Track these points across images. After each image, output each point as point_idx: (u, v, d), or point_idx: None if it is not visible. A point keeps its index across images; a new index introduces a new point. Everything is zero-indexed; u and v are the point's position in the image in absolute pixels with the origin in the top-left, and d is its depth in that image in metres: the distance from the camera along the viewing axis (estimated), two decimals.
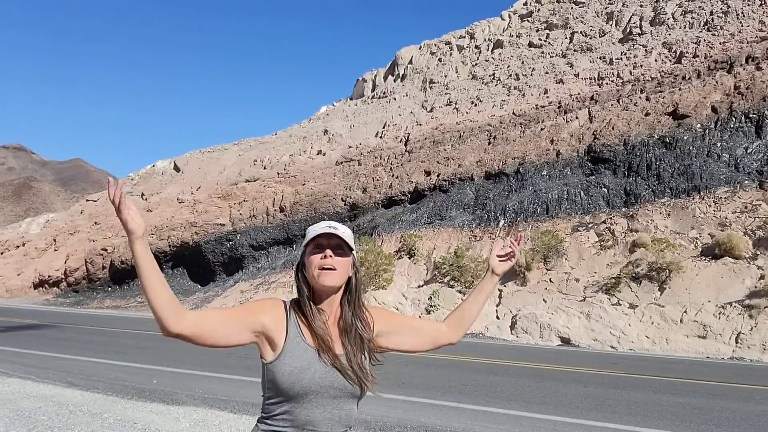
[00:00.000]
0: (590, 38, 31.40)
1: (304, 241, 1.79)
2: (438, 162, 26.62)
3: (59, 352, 11.37)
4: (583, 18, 33.46)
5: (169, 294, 1.56)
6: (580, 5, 34.71)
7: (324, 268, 1.70)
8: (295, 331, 1.70)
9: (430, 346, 1.96)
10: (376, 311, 1.91)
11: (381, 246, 22.82)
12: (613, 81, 26.45)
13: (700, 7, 27.87)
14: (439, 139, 28.45)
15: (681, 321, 13.97)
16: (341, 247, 1.74)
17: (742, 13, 25.43)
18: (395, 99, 37.57)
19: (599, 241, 18.40)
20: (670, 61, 25.76)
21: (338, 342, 1.74)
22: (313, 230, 1.77)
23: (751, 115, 19.55)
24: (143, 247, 1.54)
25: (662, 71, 24.94)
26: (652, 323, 14.30)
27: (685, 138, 20.24)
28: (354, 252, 1.79)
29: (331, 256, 1.71)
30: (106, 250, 33.51)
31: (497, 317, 16.79)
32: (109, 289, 33.42)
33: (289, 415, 1.66)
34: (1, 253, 40.91)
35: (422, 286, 19.91)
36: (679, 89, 22.53)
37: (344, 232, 1.76)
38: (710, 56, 23.84)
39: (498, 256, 2.04)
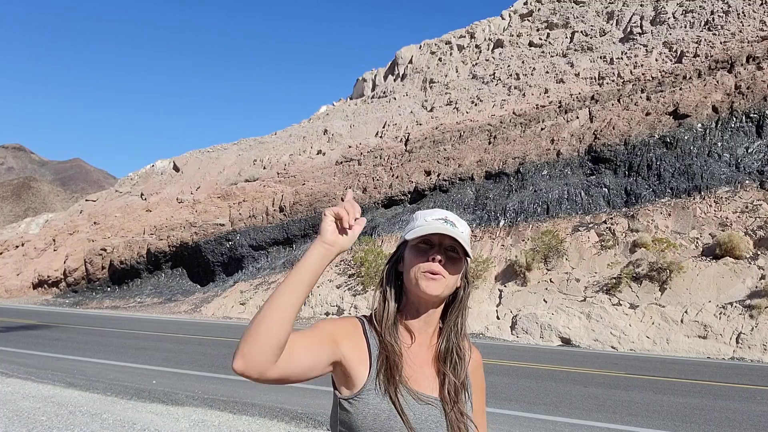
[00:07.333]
0: (591, 38, 31.37)
1: (407, 231, 1.40)
2: (438, 162, 26.60)
3: (58, 352, 11.35)
4: (583, 17, 33.43)
5: (288, 332, 1.18)
6: (581, 5, 34.68)
7: (429, 272, 1.34)
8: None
9: None
10: (475, 352, 1.51)
11: (381, 246, 22.80)
12: (613, 80, 26.42)
13: (700, 6, 27.83)
14: (439, 138, 28.42)
15: (681, 321, 13.95)
16: (455, 250, 1.37)
17: (743, 12, 25.40)
18: (395, 99, 37.53)
19: (600, 241, 18.38)
20: (671, 60, 25.73)
21: (430, 377, 1.38)
22: (423, 222, 1.38)
23: (752, 115, 19.53)
24: (321, 256, 1.24)
25: (663, 71, 24.91)
26: (653, 323, 14.28)
27: (686, 138, 20.22)
28: (469, 258, 1.41)
29: (440, 260, 1.34)
30: (105, 250, 33.48)
31: (497, 317, 16.77)
32: (109, 289, 33.39)
33: None
34: (0, 253, 40.88)
35: None
36: (680, 89, 22.50)
37: (463, 231, 1.38)
38: (711, 56, 23.81)
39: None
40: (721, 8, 26.46)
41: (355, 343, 1.34)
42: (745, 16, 25.20)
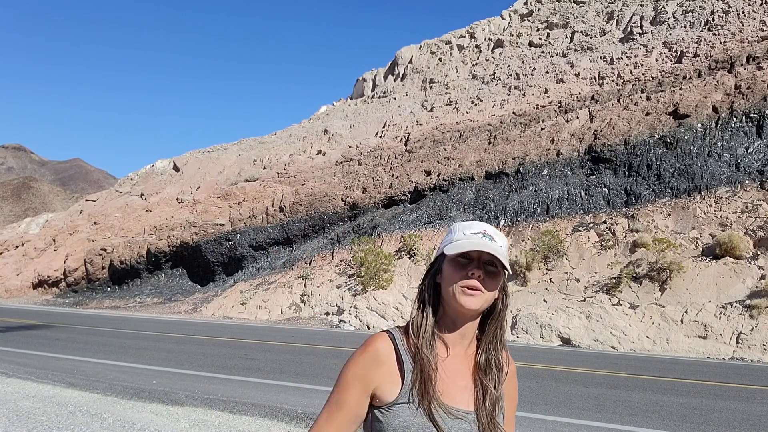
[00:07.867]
0: (591, 38, 31.36)
1: (446, 243, 1.41)
2: (438, 162, 26.60)
3: (58, 352, 11.35)
4: (583, 17, 33.42)
5: None
6: (581, 5, 34.67)
7: (467, 287, 1.35)
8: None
9: None
10: (511, 362, 1.53)
11: (381, 246, 22.80)
12: (613, 80, 26.42)
13: (700, 6, 27.83)
14: (439, 138, 28.42)
15: (681, 321, 13.95)
16: (493, 264, 1.37)
17: (743, 12, 25.40)
18: (395, 99, 37.53)
19: (600, 241, 18.38)
20: (671, 60, 25.73)
21: (463, 389, 1.40)
22: (462, 236, 1.39)
23: (752, 115, 19.53)
24: None
25: (663, 71, 24.91)
26: (653, 323, 14.28)
27: (686, 138, 20.22)
28: (507, 272, 1.41)
29: (479, 276, 1.35)
30: (105, 250, 33.48)
31: None
32: (108, 289, 33.39)
33: None
34: (0, 253, 40.88)
35: None
36: (680, 89, 22.50)
37: (501, 246, 1.39)
38: (711, 56, 23.81)
39: None
40: (721, 8, 26.45)
41: (386, 371, 1.36)
42: (745, 16, 25.19)
